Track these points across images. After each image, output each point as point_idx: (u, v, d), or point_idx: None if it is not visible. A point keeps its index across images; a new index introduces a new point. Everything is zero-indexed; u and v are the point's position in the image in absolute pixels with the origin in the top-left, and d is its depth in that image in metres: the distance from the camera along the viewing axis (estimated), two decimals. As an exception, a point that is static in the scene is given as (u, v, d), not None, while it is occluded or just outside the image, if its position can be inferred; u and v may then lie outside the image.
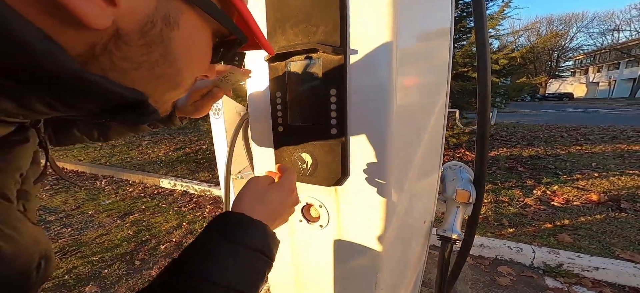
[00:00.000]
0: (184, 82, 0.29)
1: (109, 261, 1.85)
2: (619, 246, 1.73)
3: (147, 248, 2.01)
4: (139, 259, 1.88)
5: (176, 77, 0.27)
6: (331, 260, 0.67)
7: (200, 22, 0.26)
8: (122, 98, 0.22)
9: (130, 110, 0.24)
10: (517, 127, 6.70)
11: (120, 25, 0.20)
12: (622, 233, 1.88)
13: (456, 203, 0.77)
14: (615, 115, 10.38)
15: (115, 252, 1.97)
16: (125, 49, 0.21)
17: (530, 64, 24.16)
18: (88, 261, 1.86)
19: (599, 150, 4.17)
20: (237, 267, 0.30)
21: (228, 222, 0.33)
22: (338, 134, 0.56)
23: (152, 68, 0.24)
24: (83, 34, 0.19)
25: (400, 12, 0.49)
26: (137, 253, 1.95)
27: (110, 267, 1.79)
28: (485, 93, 0.75)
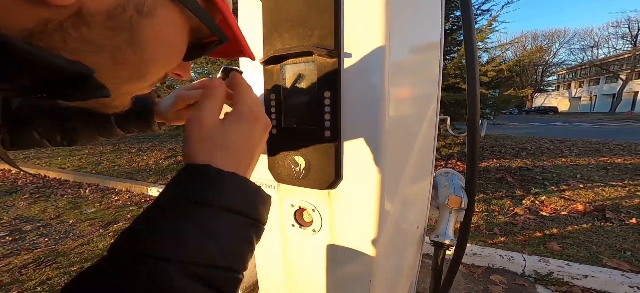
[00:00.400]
0: (149, 75, 0.27)
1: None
2: (605, 254, 1.77)
3: None
4: None
5: (141, 67, 0.25)
6: (324, 265, 0.66)
7: (177, 16, 0.25)
8: (61, 70, 0.19)
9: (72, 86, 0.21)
10: (506, 139, 6.89)
11: (84, 5, 0.19)
12: (608, 241, 1.93)
13: (448, 209, 0.77)
14: (597, 129, 10.83)
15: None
16: (84, 30, 0.20)
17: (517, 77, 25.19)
18: (64, 272, 1.75)
19: (583, 162, 4.32)
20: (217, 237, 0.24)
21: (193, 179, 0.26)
22: (332, 137, 0.56)
23: (113, 53, 0.22)
24: (39, 9, 0.17)
25: (393, 16, 0.50)
26: None
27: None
28: (474, 101, 0.78)
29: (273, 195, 0.68)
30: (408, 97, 0.63)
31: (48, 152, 5.99)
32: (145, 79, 0.27)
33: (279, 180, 0.65)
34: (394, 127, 0.56)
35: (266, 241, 0.74)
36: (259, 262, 0.78)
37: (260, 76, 0.63)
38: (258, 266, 0.78)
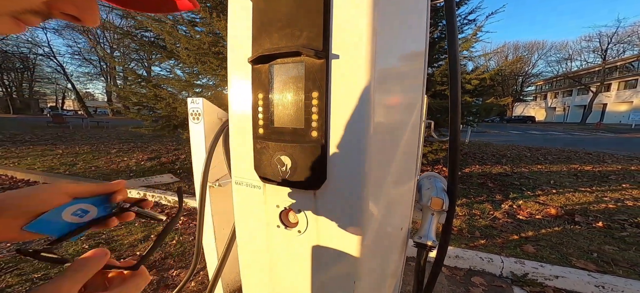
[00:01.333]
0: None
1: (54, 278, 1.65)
2: (574, 256, 1.88)
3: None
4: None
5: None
6: (309, 266, 0.66)
7: None
8: None
9: None
10: (487, 146, 7.17)
11: None
12: (576, 243, 2.05)
13: (431, 211, 0.79)
14: (570, 138, 11.53)
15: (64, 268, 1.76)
16: None
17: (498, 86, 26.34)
18: (27, 278, 1.61)
19: (556, 169, 4.57)
20: None
21: None
22: (319, 137, 0.56)
23: None
24: None
25: (380, 22, 0.52)
26: None
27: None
28: (456, 106, 0.81)
29: (258, 196, 0.67)
30: (393, 102, 0.65)
31: (18, 151, 5.62)
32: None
33: (265, 180, 0.64)
34: (379, 131, 0.57)
35: (250, 242, 0.73)
36: (243, 264, 0.76)
37: (249, 75, 0.63)
38: (242, 268, 0.77)
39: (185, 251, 1.97)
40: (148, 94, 3.68)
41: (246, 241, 0.74)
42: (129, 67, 4.69)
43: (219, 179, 1.14)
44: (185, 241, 2.11)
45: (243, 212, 0.72)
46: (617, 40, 34.38)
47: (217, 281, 0.96)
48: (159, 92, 3.48)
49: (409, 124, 0.75)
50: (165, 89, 3.58)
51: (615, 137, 12.86)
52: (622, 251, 1.93)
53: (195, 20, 3.71)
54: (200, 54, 3.12)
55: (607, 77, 34.18)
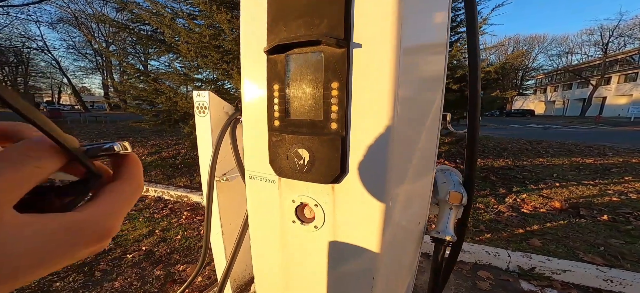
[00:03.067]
0: None
1: (62, 273, 1.63)
2: (581, 249, 1.88)
3: (111, 258, 1.81)
4: (100, 270, 1.68)
5: None
6: (325, 262, 0.64)
7: None
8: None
9: None
10: (488, 140, 7.16)
11: None
12: (583, 237, 2.05)
13: (449, 205, 0.77)
14: (570, 132, 11.51)
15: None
16: None
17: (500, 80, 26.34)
18: None
19: (558, 163, 4.57)
20: None
21: None
22: (338, 129, 0.54)
23: None
24: None
25: (405, 10, 0.49)
26: (97, 263, 1.75)
27: (64, 280, 1.58)
28: (475, 100, 0.79)
29: (273, 190, 0.65)
30: (416, 94, 0.62)
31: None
32: None
33: (280, 174, 0.62)
34: (402, 123, 0.54)
35: (263, 237, 0.72)
36: (255, 257, 0.75)
37: (263, 66, 0.60)
38: (254, 261, 0.75)
39: (191, 246, 1.96)
40: (148, 88, 3.63)
41: (260, 236, 0.72)
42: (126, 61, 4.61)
43: (226, 173, 1.12)
44: (189, 236, 2.10)
45: (257, 206, 0.70)
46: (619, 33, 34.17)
47: (227, 278, 0.95)
48: (160, 87, 3.43)
49: (429, 116, 0.72)
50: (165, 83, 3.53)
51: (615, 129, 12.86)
52: (628, 244, 1.94)
53: (195, 13, 3.64)
54: (200, 48, 3.07)
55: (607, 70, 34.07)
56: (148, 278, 1.61)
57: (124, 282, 1.58)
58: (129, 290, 1.52)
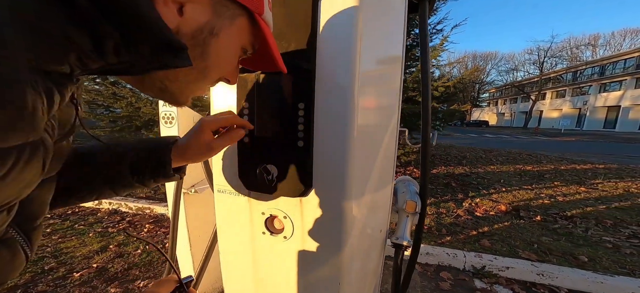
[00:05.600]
0: (209, 78, 0.37)
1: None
2: (520, 247, 2.15)
3: (52, 278, 1.61)
4: (38, 292, 1.50)
5: (205, 71, 0.36)
6: (295, 270, 0.67)
7: (234, 36, 0.36)
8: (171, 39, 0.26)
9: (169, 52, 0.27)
10: (451, 148, 7.81)
11: (180, 29, 0.29)
12: (522, 236, 2.35)
13: (406, 213, 0.86)
14: (516, 142, 13.05)
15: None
16: None
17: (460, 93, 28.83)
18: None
19: (505, 169, 5.16)
20: None
21: None
22: (305, 147, 0.58)
23: (191, 60, 0.30)
24: None
25: (363, 37, 0.56)
26: (34, 284, 1.55)
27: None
28: (426, 113, 0.88)
29: (243, 204, 0.67)
30: (374, 106, 0.69)
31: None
32: (205, 80, 0.37)
33: (250, 188, 0.64)
34: (361, 136, 0.60)
35: (233, 248, 0.72)
36: (226, 271, 0.75)
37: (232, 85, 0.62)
38: (224, 274, 0.75)
39: (153, 261, 1.83)
40: (104, 92, 3.33)
41: (229, 248, 0.73)
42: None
43: (195, 185, 1.09)
44: (151, 250, 1.95)
45: (226, 220, 0.71)
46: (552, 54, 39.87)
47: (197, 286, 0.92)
48: (118, 90, 3.17)
49: (388, 129, 0.80)
50: (127, 87, 3.27)
51: (549, 140, 14.87)
52: (555, 241, 2.26)
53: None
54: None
55: (543, 87, 39.37)
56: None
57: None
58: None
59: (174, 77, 0.33)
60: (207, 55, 0.34)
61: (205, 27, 0.31)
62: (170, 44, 0.26)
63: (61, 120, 0.32)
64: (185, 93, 0.36)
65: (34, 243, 0.32)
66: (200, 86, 0.38)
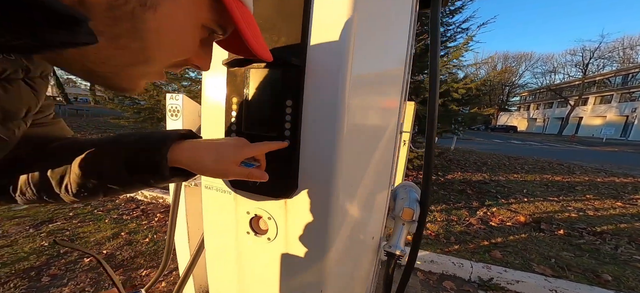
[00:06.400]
0: (154, 61, 0.30)
1: (4, 277, 1.52)
2: (535, 261, 2.01)
3: (65, 262, 1.67)
4: (50, 275, 1.56)
5: (143, 53, 0.28)
6: (278, 273, 0.66)
7: (183, 11, 0.28)
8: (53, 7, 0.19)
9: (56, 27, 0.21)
10: (470, 154, 7.43)
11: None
12: (539, 250, 2.19)
13: (402, 221, 0.81)
14: (546, 149, 12.15)
15: (16, 266, 1.63)
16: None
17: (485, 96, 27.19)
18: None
19: (530, 179, 4.82)
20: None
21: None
22: (291, 146, 0.56)
23: (114, 39, 0.25)
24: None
25: (358, 33, 0.52)
26: (48, 267, 1.62)
27: (4, 285, 1.47)
28: (432, 120, 0.82)
29: (229, 201, 0.66)
30: (370, 107, 0.65)
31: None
32: (150, 63, 0.30)
33: (235, 186, 0.63)
34: (353, 136, 0.57)
35: (219, 247, 0.72)
36: (210, 268, 0.75)
37: (224, 77, 0.61)
38: (209, 272, 0.76)
39: (158, 250, 1.91)
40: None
41: (215, 245, 0.73)
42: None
43: (195, 179, 1.11)
44: (159, 239, 2.04)
45: (212, 216, 0.71)
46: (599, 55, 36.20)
47: (186, 281, 0.94)
48: (143, 80, 3.35)
49: (385, 133, 0.76)
50: (150, 78, 3.44)
51: (587, 149, 13.68)
52: (577, 257, 2.09)
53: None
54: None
55: (585, 91, 36.03)
56: (103, 284, 1.53)
57: (74, 287, 1.48)
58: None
59: (96, 59, 0.27)
60: (141, 33, 0.26)
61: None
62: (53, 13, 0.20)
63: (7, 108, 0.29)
64: (124, 78, 0.30)
65: None
66: (145, 70, 0.30)
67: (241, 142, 0.46)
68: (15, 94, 0.30)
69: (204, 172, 0.42)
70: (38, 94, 0.34)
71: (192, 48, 0.33)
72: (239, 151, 0.44)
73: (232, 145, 0.44)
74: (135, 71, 0.30)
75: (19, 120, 0.32)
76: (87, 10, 0.23)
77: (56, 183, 0.38)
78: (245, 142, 0.46)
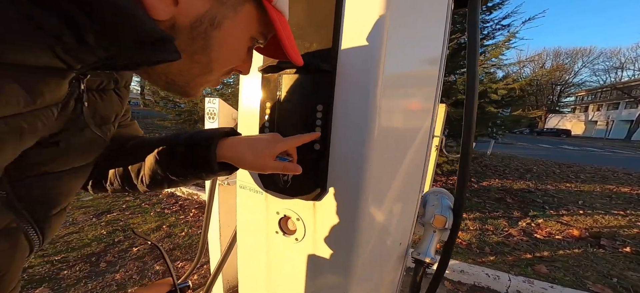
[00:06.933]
0: (215, 71, 0.36)
1: (72, 261, 1.71)
2: (591, 279, 1.76)
3: (118, 250, 1.86)
4: (106, 261, 1.74)
5: (210, 65, 0.34)
6: (304, 274, 0.67)
7: (239, 26, 0.33)
8: (152, 31, 0.24)
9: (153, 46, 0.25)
10: (511, 160, 6.77)
11: (176, 20, 0.28)
12: (596, 267, 1.91)
13: (433, 228, 0.78)
14: (610, 156, 10.51)
15: (81, 252, 1.84)
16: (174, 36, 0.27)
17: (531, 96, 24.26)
18: (48, 261, 1.69)
19: (588, 189, 4.23)
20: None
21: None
22: (321, 150, 0.57)
23: (191, 55, 0.31)
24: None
25: (391, 37, 0.51)
26: (105, 254, 1.80)
27: (72, 268, 1.65)
28: (470, 125, 0.77)
29: (260, 201, 0.70)
30: (402, 110, 0.63)
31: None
32: (212, 73, 0.36)
33: (266, 187, 0.66)
34: (383, 140, 0.56)
35: (249, 244, 0.76)
36: (241, 264, 0.79)
37: (259, 82, 0.65)
38: (240, 269, 0.80)
39: (193, 244, 2.04)
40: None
41: (246, 243, 0.77)
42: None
43: (228, 178, 1.19)
44: (193, 234, 2.18)
45: (245, 215, 0.75)
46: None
47: (217, 276, 1.01)
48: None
49: (418, 134, 0.73)
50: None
51: (664, 158, 11.55)
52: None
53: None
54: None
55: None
56: (147, 273, 1.67)
57: (124, 274, 1.64)
58: (128, 283, 1.58)
59: (178, 71, 0.32)
60: (209, 49, 0.31)
61: (205, 18, 0.29)
62: (151, 36, 0.24)
63: (104, 114, 0.36)
64: (191, 86, 0.35)
65: (48, 232, 0.33)
66: (207, 79, 0.36)
67: (275, 137, 0.49)
68: (108, 102, 0.36)
69: (245, 166, 0.46)
70: (123, 101, 0.40)
71: (242, 57, 0.38)
72: (273, 145, 0.47)
73: (267, 140, 0.47)
74: (201, 80, 0.35)
75: (110, 123, 0.39)
76: (175, 33, 0.28)
77: (134, 175, 0.45)
78: (279, 137, 0.49)
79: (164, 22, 0.27)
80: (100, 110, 0.35)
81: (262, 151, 0.45)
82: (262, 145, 0.46)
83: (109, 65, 0.27)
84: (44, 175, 0.30)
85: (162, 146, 0.44)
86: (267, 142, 0.47)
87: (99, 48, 0.23)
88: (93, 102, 0.33)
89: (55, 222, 0.34)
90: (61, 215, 0.35)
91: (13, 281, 0.30)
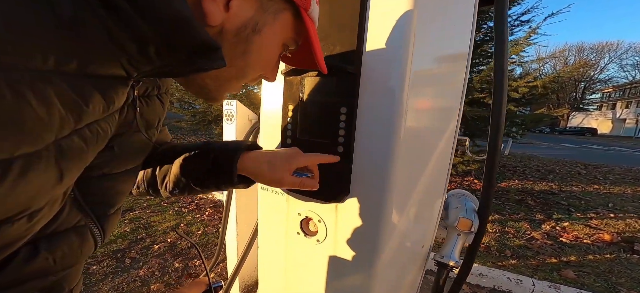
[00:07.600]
0: (248, 75, 0.36)
1: (100, 257, 1.78)
2: (625, 286, 1.65)
3: (141, 247, 1.93)
4: (130, 257, 1.80)
5: (245, 69, 0.35)
6: (325, 275, 0.67)
7: (276, 33, 0.34)
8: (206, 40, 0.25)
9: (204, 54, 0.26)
10: (532, 160, 6.46)
11: (225, 26, 0.29)
12: (631, 274, 1.80)
13: (457, 231, 0.76)
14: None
15: (108, 248, 1.90)
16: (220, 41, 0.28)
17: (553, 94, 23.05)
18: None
19: (617, 191, 3.98)
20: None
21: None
22: (344, 152, 0.57)
23: (232, 58, 0.31)
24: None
25: (418, 36, 0.50)
26: (129, 251, 1.86)
27: (100, 264, 1.72)
28: (498, 123, 0.73)
29: (282, 202, 0.70)
30: (426, 116, 0.62)
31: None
32: (244, 78, 0.36)
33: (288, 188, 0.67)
34: (409, 141, 0.55)
35: (270, 244, 0.77)
36: (262, 264, 0.80)
37: (281, 86, 0.65)
38: (260, 267, 0.81)
39: (209, 242, 2.09)
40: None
41: (267, 244, 0.78)
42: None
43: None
44: (209, 232, 2.23)
45: (266, 216, 0.75)
46: None
47: (235, 277, 1.02)
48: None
49: (444, 134, 0.71)
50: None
51: (703, 158, 10.65)
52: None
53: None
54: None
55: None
56: (168, 270, 1.73)
57: (147, 271, 1.70)
58: (151, 279, 1.63)
59: (215, 76, 0.33)
60: (248, 53, 0.32)
61: (249, 23, 0.30)
62: (204, 45, 0.25)
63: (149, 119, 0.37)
64: (221, 91, 0.36)
65: (108, 230, 0.34)
66: (238, 84, 0.37)
67: (294, 152, 0.48)
68: (152, 107, 0.38)
69: (262, 180, 0.46)
70: (164, 106, 0.42)
71: (274, 63, 0.39)
72: (291, 161, 0.46)
73: (285, 155, 0.47)
74: (232, 85, 0.36)
75: (154, 127, 0.40)
76: (221, 38, 0.29)
77: (160, 180, 0.47)
78: (297, 152, 0.48)
79: (214, 27, 0.28)
80: (146, 115, 0.37)
81: (279, 166, 0.45)
82: (279, 160, 0.46)
83: (161, 73, 0.28)
84: (102, 177, 0.32)
85: (190, 154, 0.46)
86: (285, 157, 0.46)
87: (157, 58, 0.24)
88: (141, 108, 0.35)
89: (113, 221, 0.35)
90: (117, 214, 0.37)
91: (79, 273, 0.33)
